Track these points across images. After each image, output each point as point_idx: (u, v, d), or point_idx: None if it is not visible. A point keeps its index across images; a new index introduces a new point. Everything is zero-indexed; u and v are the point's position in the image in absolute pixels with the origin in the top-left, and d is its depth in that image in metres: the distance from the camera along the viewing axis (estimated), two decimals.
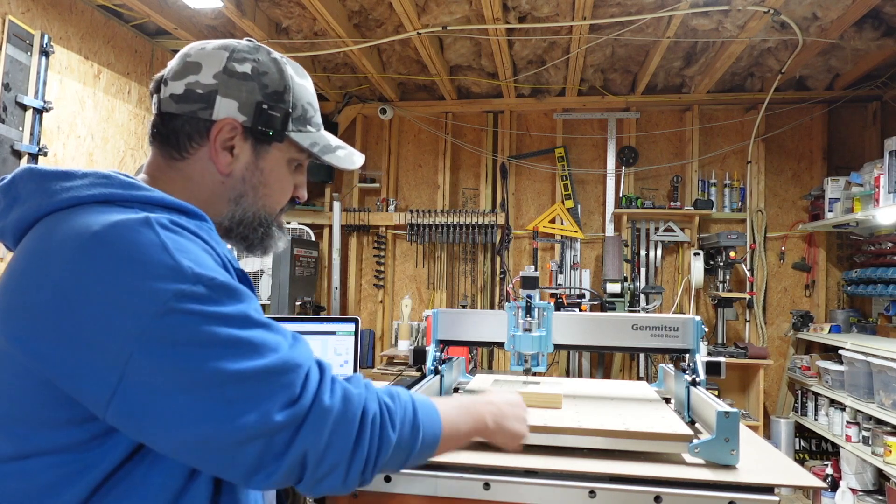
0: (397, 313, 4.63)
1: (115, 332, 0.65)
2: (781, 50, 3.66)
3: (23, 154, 2.74)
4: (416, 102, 4.66)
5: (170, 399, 0.66)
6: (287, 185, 0.94)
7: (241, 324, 0.70)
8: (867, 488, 3.37)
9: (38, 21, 2.86)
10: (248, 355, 0.68)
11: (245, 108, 0.86)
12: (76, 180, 0.77)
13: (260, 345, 0.70)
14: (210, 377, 0.66)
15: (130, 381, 0.65)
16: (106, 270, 0.67)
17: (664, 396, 1.64)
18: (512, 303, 1.51)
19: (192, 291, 0.67)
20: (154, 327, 0.65)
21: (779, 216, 4.30)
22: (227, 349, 0.67)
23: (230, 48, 0.87)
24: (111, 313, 0.65)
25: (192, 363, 0.66)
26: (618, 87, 4.36)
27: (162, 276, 0.67)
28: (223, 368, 0.66)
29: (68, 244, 0.69)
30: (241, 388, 0.67)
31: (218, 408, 0.66)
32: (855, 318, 3.94)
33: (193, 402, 0.66)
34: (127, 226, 0.69)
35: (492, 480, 1.12)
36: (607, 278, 4.07)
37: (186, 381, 0.66)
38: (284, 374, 0.70)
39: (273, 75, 0.88)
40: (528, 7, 3.17)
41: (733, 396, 4.13)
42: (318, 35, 3.59)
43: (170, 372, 0.65)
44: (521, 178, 4.59)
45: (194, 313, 0.67)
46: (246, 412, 0.66)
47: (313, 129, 0.94)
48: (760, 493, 1.06)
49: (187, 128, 0.85)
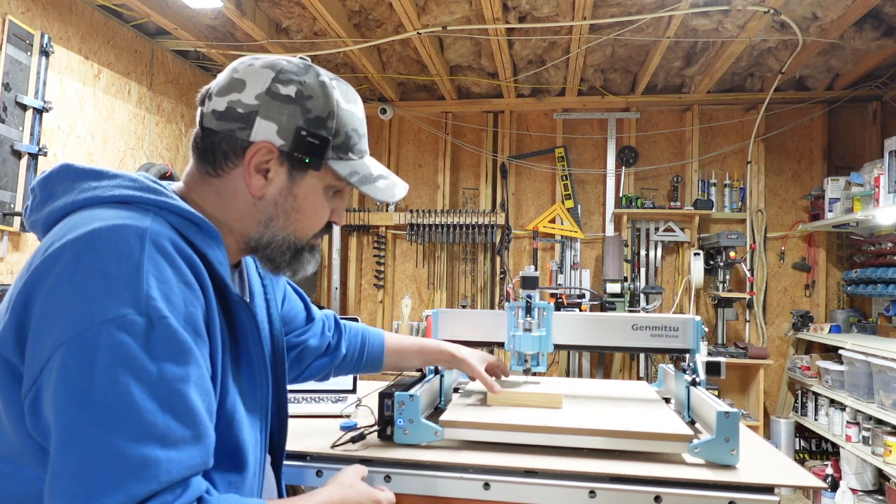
0: (397, 313, 4.63)
1: (52, 332, 0.65)
2: (781, 50, 3.66)
3: (23, 154, 2.74)
4: (416, 102, 4.66)
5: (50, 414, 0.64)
6: (322, 211, 0.90)
7: (150, 388, 0.65)
8: (867, 488, 3.37)
9: (38, 21, 2.86)
10: (127, 431, 0.63)
11: (284, 133, 0.83)
12: (105, 181, 0.78)
13: (147, 426, 0.64)
14: (69, 426, 0.63)
15: (42, 383, 0.65)
16: (74, 271, 0.67)
17: (664, 396, 1.64)
18: (512, 303, 1.51)
19: (133, 321, 0.65)
20: (76, 341, 0.64)
21: (779, 216, 4.30)
22: (114, 411, 0.63)
23: (277, 68, 0.84)
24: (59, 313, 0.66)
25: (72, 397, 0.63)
26: (618, 87, 4.36)
27: (115, 295, 0.66)
28: (82, 428, 0.62)
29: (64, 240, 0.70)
30: (81, 462, 0.62)
31: (61, 462, 0.62)
32: (855, 318, 3.94)
33: (57, 434, 0.63)
34: (118, 233, 0.69)
35: (492, 480, 1.12)
36: (607, 278, 4.07)
37: (56, 413, 0.63)
38: (137, 474, 0.63)
39: (318, 100, 0.85)
40: (528, 7, 3.17)
41: (733, 396, 4.13)
42: (318, 35, 3.59)
43: (62, 391, 0.63)
44: (521, 178, 4.59)
45: (119, 347, 0.64)
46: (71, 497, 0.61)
47: (356, 156, 0.90)
48: (760, 493, 1.06)
49: (224, 146, 0.84)
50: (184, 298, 0.71)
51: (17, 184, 2.72)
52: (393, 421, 1.25)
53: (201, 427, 0.70)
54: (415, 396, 1.24)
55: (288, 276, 0.93)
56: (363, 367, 1.34)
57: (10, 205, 2.69)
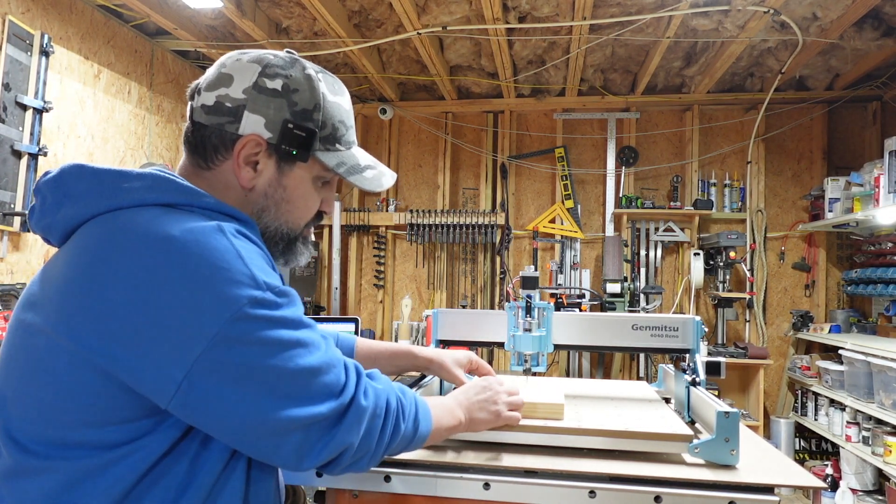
0: (397, 313, 4.63)
1: (190, 331, 0.70)
2: (781, 50, 3.65)
3: (23, 154, 2.74)
4: (416, 102, 4.66)
5: (229, 390, 0.72)
6: (311, 201, 0.94)
7: (296, 326, 0.77)
8: (867, 488, 3.37)
9: (38, 21, 2.86)
10: (301, 355, 0.76)
11: (271, 125, 0.86)
12: (133, 181, 0.80)
13: (309, 345, 0.78)
14: (268, 373, 0.73)
15: (196, 376, 0.70)
16: (187, 273, 0.71)
17: (664, 396, 1.64)
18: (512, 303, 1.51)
19: (263, 298, 0.74)
20: (228, 329, 0.71)
21: (779, 216, 4.30)
22: (285, 350, 0.75)
23: (264, 62, 0.87)
24: (190, 313, 0.70)
25: (255, 360, 0.72)
26: (618, 87, 4.36)
27: (239, 283, 0.72)
28: (281, 366, 0.74)
29: (146, 246, 0.72)
30: (294, 384, 0.75)
31: (269, 400, 0.73)
32: (855, 318, 3.94)
33: (248, 394, 0.72)
34: (205, 231, 0.74)
35: (492, 480, 1.12)
36: (607, 278, 4.07)
37: (246, 375, 0.72)
38: (328, 372, 0.79)
39: (304, 93, 0.88)
40: (528, 7, 3.17)
41: (733, 396, 4.13)
42: (318, 35, 3.59)
43: (234, 367, 0.72)
44: (521, 178, 4.59)
45: (263, 318, 0.73)
46: (294, 405, 0.74)
47: (343, 147, 0.93)
48: (760, 493, 1.06)
49: (214, 139, 0.86)
50: (271, 269, 0.80)
51: (17, 184, 2.72)
52: None
53: (321, 331, 0.84)
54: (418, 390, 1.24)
55: (281, 265, 0.95)
56: None
57: (10, 205, 2.69)
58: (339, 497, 1.14)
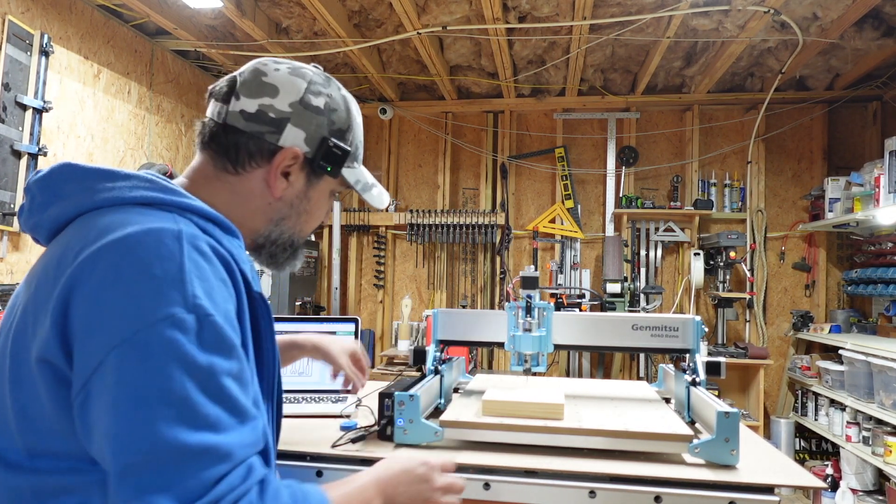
0: (397, 313, 4.63)
1: (103, 335, 0.66)
2: (781, 50, 3.65)
3: (22, 154, 2.74)
4: (416, 102, 4.66)
5: (106, 415, 0.65)
6: (325, 213, 0.99)
7: (202, 381, 0.67)
8: (867, 488, 3.37)
9: (38, 21, 2.86)
10: (185, 423, 0.65)
11: (310, 141, 0.90)
12: (120, 181, 0.78)
13: (203, 416, 0.66)
14: (131, 425, 0.64)
15: (93, 385, 0.66)
16: (119, 274, 0.68)
17: (664, 396, 1.64)
18: (512, 303, 1.51)
19: (182, 319, 0.67)
20: (131, 342, 0.65)
21: (779, 216, 4.30)
22: (171, 406, 0.65)
23: (307, 78, 0.90)
24: (109, 316, 0.67)
25: (133, 398, 0.64)
26: (618, 87, 4.36)
27: (164, 296, 0.67)
28: (153, 426, 0.64)
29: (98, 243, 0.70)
30: (148, 456, 0.64)
31: (123, 463, 0.64)
32: (855, 318, 3.94)
33: (116, 433, 0.64)
34: (157, 235, 0.71)
35: (492, 480, 1.12)
36: (607, 278, 4.07)
37: (116, 413, 0.64)
38: (205, 464, 0.65)
39: (341, 113, 0.93)
40: (528, 7, 3.17)
41: (733, 396, 4.13)
42: (318, 35, 3.59)
43: (121, 390, 0.65)
44: (521, 178, 4.59)
45: (172, 344, 0.66)
46: (143, 485, 0.63)
47: (358, 165, 0.99)
48: (760, 493, 1.06)
49: (251, 146, 0.87)
50: (222, 296, 0.73)
51: (17, 184, 2.72)
52: (393, 421, 1.25)
53: (249, 413, 0.72)
54: (415, 396, 1.24)
55: (283, 270, 0.99)
56: None
57: (10, 205, 2.69)
58: None
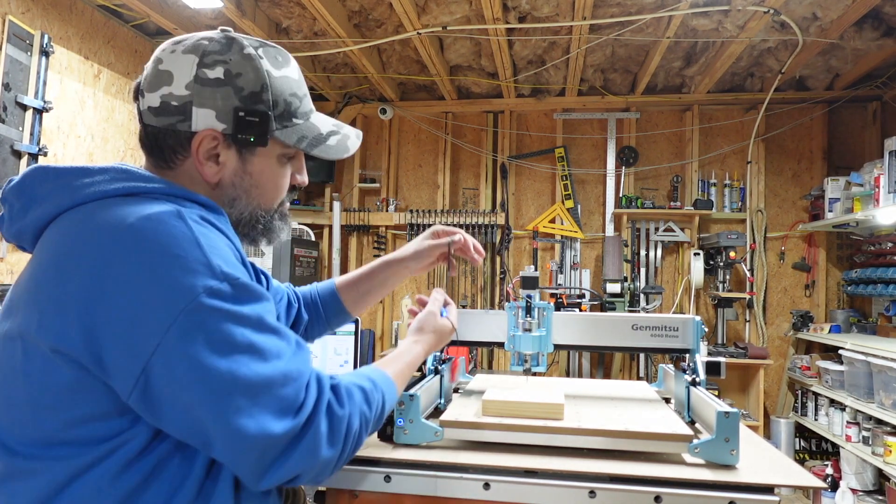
0: (397, 313, 4.63)
1: (147, 322, 0.68)
2: (781, 50, 3.65)
3: (23, 154, 2.74)
4: (416, 102, 4.66)
5: (184, 392, 0.69)
6: (281, 180, 0.92)
7: (255, 326, 0.73)
8: (867, 488, 3.37)
9: (38, 21, 2.86)
10: (258, 361, 0.71)
11: (223, 116, 0.83)
12: (96, 176, 0.78)
13: (269, 351, 0.73)
14: (219, 377, 0.69)
15: (154, 371, 0.68)
16: (142, 261, 0.69)
17: (664, 396, 1.64)
18: (512, 303, 1.50)
19: (219, 289, 0.70)
20: (183, 321, 0.68)
21: (779, 216, 4.30)
22: (241, 353, 0.70)
23: (200, 50, 0.83)
24: (145, 303, 0.68)
25: (207, 360, 0.68)
26: (618, 87, 4.36)
27: (195, 271, 0.69)
28: (235, 372, 0.69)
29: (103, 236, 0.71)
30: (247, 394, 0.70)
31: (223, 409, 0.69)
32: (855, 318, 3.94)
33: (203, 399, 0.69)
34: (161, 218, 0.72)
35: (492, 480, 1.12)
36: (607, 278, 4.07)
37: (200, 377, 0.68)
38: (286, 385, 0.73)
39: (247, 75, 0.84)
40: (528, 7, 3.17)
41: (733, 396, 4.13)
42: (318, 35, 3.59)
43: (188, 366, 0.68)
44: (521, 178, 4.59)
45: (219, 311, 0.70)
46: (246, 418, 0.69)
47: (300, 119, 0.89)
48: (760, 493, 1.06)
49: (170, 140, 0.84)
50: (236, 258, 0.77)
51: None
52: (393, 421, 1.25)
53: (297, 339, 0.79)
54: (415, 396, 1.24)
55: (264, 244, 0.95)
56: (329, 318, 1.29)
57: None
58: (338, 497, 1.14)
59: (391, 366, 1.01)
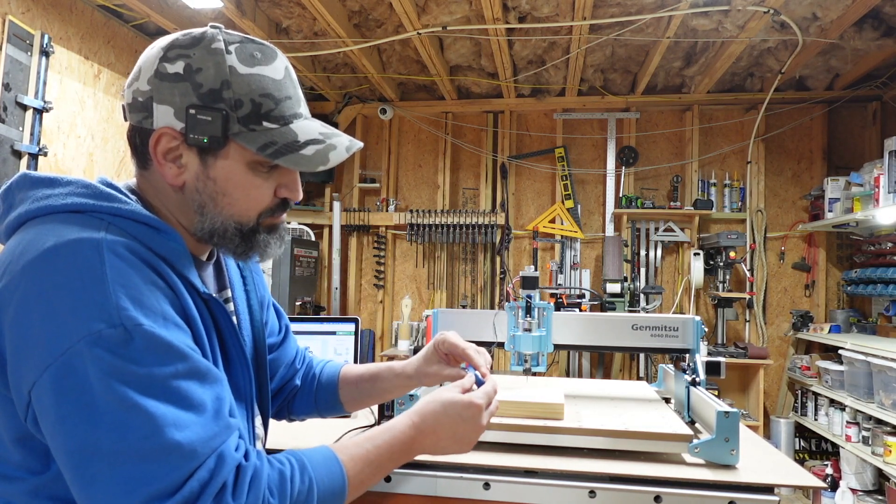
0: (397, 313, 4.63)
1: (30, 356, 0.66)
2: (781, 50, 3.66)
3: (23, 154, 2.74)
4: (416, 102, 4.66)
5: (50, 439, 0.66)
6: (256, 191, 0.81)
7: (142, 384, 0.64)
8: (867, 488, 3.37)
9: (38, 21, 2.86)
10: (135, 426, 0.63)
11: (180, 114, 0.76)
12: (58, 188, 0.76)
13: (154, 415, 0.64)
14: (82, 439, 0.63)
15: (36, 406, 0.66)
16: (40, 293, 0.66)
17: (664, 396, 1.64)
18: (512, 303, 1.51)
19: (108, 335, 0.64)
20: (59, 366, 0.64)
21: (779, 216, 4.30)
22: (113, 413, 0.63)
23: (167, 45, 0.78)
24: (33, 338, 0.65)
25: (73, 418, 0.63)
26: (618, 87, 4.36)
27: (84, 314, 0.64)
28: (95, 436, 0.63)
29: (24, 257, 0.69)
30: (109, 462, 0.62)
31: (80, 473, 0.63)
32: (855, 318, 3.94)
33: (61, 454, 0.65)
34: (75, 248, 0.67)
35: (492, 480, 1.12)
36: (607, 278, 4.07)
37: (62, 431, 0.64)
38: (164, 461, 0.63)
39: (208, 71, 0.76)
40: (528, 7, 3.17)
41: (733, 396, 4.13)
42: (318, 35, 3.59)
43: (55, 417, 0.64)
44: (521, 178, 4.59)
45: (99, 361, 0.63)
46: (99, 491, 0.62)
47: (273, 123, 0.78)
48: (760, 493, 1.06)
49: (137, 138, 0.80)
50: (155, 298, 0.70)
51: None
52: None
53: (206, 405, 0.69)
54: (415, 396, 1.24)
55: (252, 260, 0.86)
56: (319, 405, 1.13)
57: None
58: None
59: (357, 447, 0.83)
